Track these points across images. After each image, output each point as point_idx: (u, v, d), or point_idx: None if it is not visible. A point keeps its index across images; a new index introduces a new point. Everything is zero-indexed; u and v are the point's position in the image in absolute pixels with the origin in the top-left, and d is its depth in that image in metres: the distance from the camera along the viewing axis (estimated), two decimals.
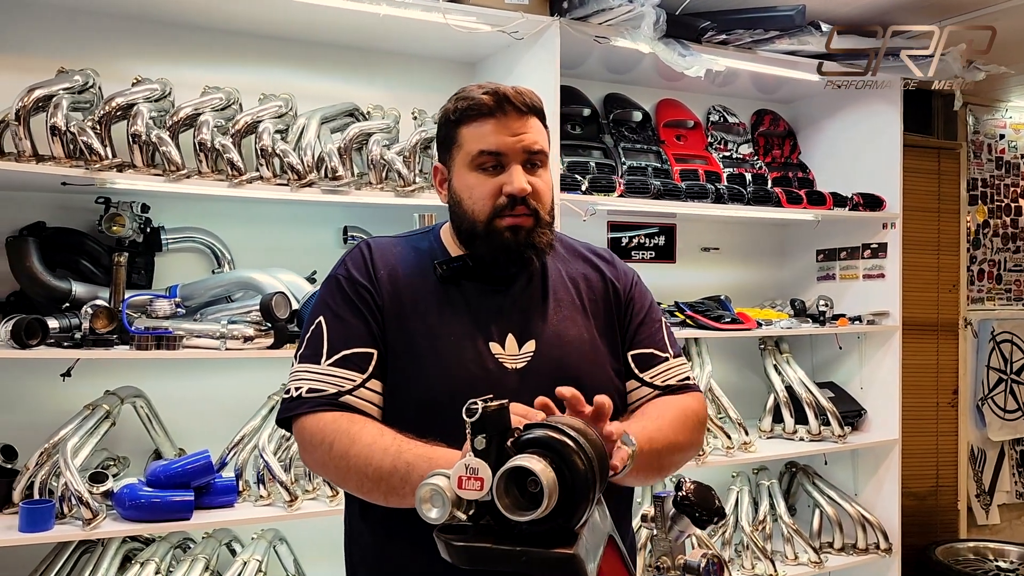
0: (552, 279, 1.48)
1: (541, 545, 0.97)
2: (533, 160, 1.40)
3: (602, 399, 1.11)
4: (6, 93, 2.29)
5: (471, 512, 1.01)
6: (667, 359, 1.49)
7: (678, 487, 1.01)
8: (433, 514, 1.00)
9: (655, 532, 1.02)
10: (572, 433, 1.01)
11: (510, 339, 1.39)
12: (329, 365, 1.35)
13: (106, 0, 2.55)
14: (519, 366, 1.38)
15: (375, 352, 1.37)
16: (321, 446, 1.29)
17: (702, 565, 0.98)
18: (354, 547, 1.48)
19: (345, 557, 1.51)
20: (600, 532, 1.07)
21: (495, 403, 1.02)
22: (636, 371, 1.48)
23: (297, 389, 1.35)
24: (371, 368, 1.36)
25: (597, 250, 1.61)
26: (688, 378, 1.50)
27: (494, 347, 1.38)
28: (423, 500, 1.00)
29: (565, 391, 1.12)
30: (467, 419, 1.00)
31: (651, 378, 1.47)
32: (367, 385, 1.35)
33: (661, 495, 1.03)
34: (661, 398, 1.44)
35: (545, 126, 1.45)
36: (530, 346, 1.40)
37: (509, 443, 1.02)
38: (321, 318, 1.40)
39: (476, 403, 1.01)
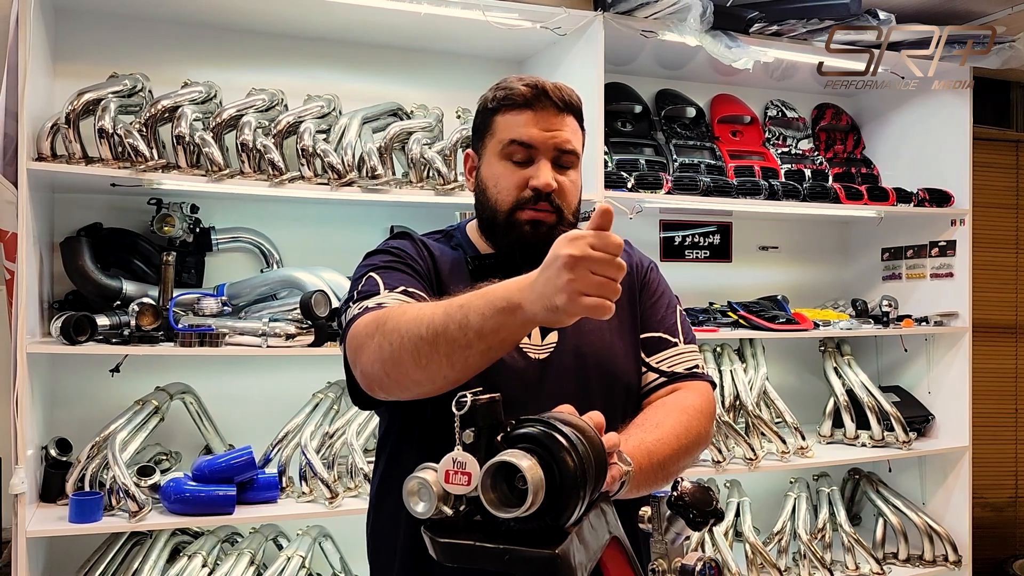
0: None
1: (527, 544, 0.93)
2: (563, 160, 1.38)
3: (596, 419, 1.06)
4: (64, 99, 2.36)
5: (463, 508, 0.98)
6: (676, 344, 1.46)
7: (674, 487, 0.97)
8: (420, 508, 0.98)
9: (652, 534, 0.98)
10: (566, 430, 0.97)
11: (535, 330, 1.38)
12: (390, 294, 1.29)
13: (158, 7, 2.63)
14: (542, 356, 1.38)
15: (429, 299, 1.31)
16: (377, 330, 1.21)
17: (698, 568, 0.94)
18: (380, 550, 1.46)
19: (370, 561, 1.48)
20: (601, 533, 1.03)
21: (485, 396, 0.99)
22: (643, 355, 1.45)
23: (361, 305, 1.28)
24: None
25: None
26: (697, 366, 1.45)
27: None
28: (410, 493, 0.98)
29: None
30: (456, 412, 0.98)
31: (657, 363, 1.44)
32: None
33: (658, 495, 0.99)
34: (660, 400, 1.40)
35: (582, 127, 1.43)
36: (552, 337, 1.39)
37: (499, 438, 0.99)
38: (371, 272, 1.34)
39: (465, 395, 0.98)
